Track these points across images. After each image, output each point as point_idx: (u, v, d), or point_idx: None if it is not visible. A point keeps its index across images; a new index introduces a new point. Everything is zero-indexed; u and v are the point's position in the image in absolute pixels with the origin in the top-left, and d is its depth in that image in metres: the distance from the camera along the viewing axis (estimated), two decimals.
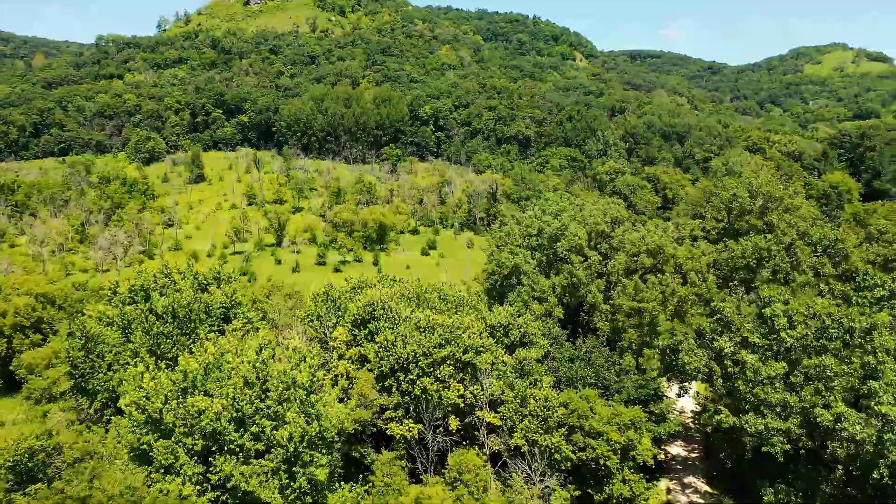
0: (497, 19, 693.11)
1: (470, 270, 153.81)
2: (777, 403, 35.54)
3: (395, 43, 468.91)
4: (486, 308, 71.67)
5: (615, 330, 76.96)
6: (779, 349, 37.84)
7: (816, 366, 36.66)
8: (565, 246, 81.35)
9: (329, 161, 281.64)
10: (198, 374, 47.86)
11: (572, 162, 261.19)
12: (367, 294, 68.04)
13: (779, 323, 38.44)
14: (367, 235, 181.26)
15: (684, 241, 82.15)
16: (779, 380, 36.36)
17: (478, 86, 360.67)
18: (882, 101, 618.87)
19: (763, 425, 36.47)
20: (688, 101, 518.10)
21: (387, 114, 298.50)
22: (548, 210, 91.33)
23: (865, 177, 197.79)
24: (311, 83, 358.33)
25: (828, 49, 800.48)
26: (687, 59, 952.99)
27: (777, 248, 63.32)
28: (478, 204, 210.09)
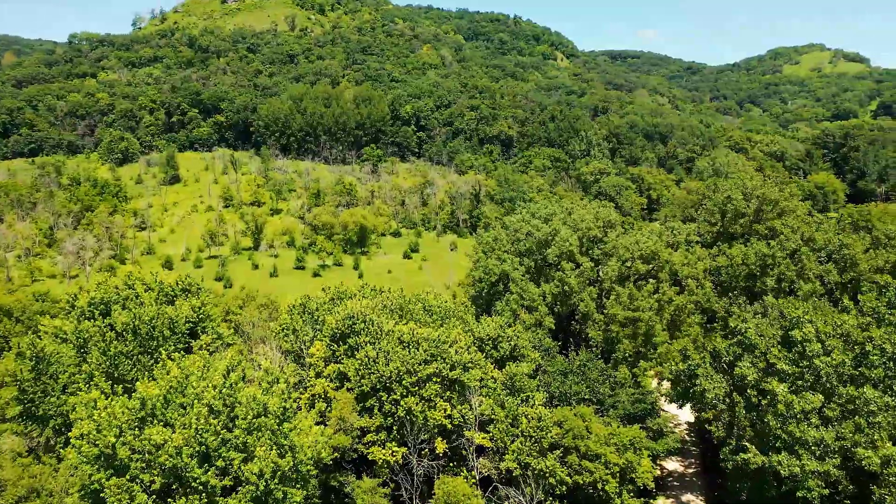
0: (478, 19, 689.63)
1: (454, 274, 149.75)
2: (814, 442, 31.84)
3: (375, 42, 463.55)
4: (473, 319, 67.45)
5: (609, 340, 73.13)
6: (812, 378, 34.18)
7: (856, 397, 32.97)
8: (555, 252, 77.36)
9: (308, 162, 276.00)
10: (157, 401, 43.07)
11: (556, 162, 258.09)
12: (346, 306, 63.57)
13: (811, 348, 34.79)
14: (348, 238, 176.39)
15: (679, 246, 78.56)
16: (814, 414, 32.72)
17: (459, 85, 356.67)
18: (859, 101, 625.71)
19: (798, 467, 32.72)
20: (669, 101, 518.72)
21: (367, 113, 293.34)
22: (537, 214, 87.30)
23: (850, 177, 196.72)
24: (289, 82, 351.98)
25: (806, 49, 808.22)
26: (667, 59, 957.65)
27: (781, 255, 59.81)
28: (461, 205, 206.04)
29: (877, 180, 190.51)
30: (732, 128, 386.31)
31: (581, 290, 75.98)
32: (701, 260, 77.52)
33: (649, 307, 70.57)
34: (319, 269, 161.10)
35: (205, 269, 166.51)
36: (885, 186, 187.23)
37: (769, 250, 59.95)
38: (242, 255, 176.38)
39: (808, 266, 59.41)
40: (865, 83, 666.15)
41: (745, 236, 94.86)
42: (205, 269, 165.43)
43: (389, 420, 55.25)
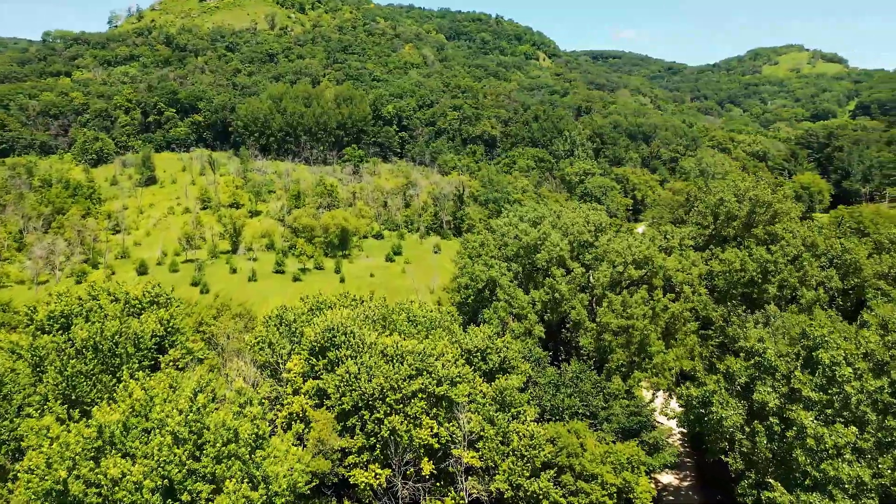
0: (460, 18, 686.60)
1: (438, 277, 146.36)
2: (849, 480, 29.02)
3: (356, 41, 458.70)
4: (460, 329, 64.03)
5: (601, 349, 70.10)
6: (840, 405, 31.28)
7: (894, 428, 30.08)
8: (545, 257, 74.25)
9: (288, 162, 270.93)
10: (116, 428, 39.20)
11: (540, 163, 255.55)
12: (325, 317, 59.89)
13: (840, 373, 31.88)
14: (329, 241, 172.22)
15: (673, 250, 75.76)
16: (848, 449, 29.88)
17: (442, 85, 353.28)
18: (838, 102, 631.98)
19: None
20: (651, 102, 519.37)
21: (348, 113, 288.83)
22: (525, 217, 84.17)
23: (835, 177, 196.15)
24: (269, 82, 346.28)
25: (784, 50, 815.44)
26: (647, 59, 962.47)
27: (783, 261, 57.13)
28: (444, 206, 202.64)
29: (861, 180, 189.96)
30: (714, 128, 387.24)
31: (572, 296, 72.96)
32: (695, 265, 74.81)
33: (643, 315, 67.72)
34: (300, 273, 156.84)
35: (181, 273, 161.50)
36: (869, 186, 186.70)
37: (771, 256, 57.12)
38: (220, 259, 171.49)
39: (810, 272, 56.69)
40: (843, 83, 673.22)
41: (738, 239, 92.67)
42: (181, 274, 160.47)
43: (372, 440, 51.69)
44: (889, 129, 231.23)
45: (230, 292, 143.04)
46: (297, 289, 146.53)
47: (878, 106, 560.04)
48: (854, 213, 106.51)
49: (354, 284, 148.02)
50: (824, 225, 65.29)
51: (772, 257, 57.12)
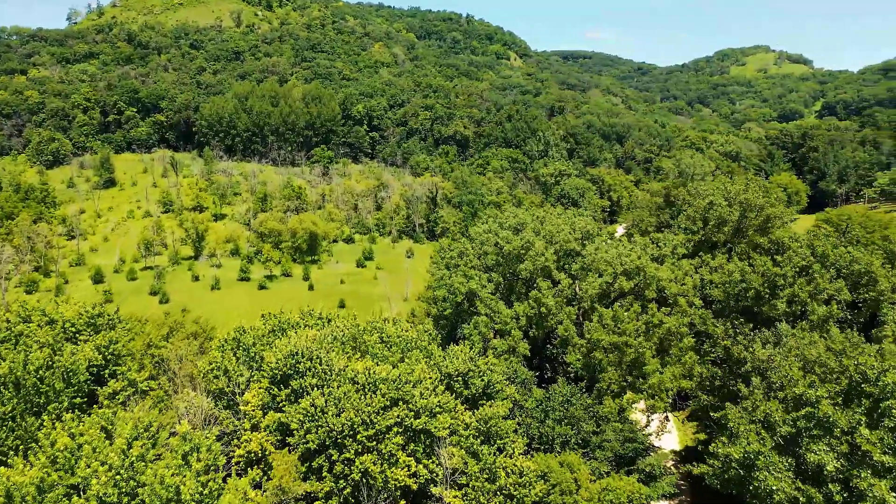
0: (430, 17, 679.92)
1: (411, 284, 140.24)
2: None
3: (325, 39, 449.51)
4: (439, 350, 58.03)
5: (590, 367, 64.71)
6: None
7: None
8: (529, 268, 68.66)
9: (255, 163, 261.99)
10: (29, 492, 32.47)
11: (514, 163, 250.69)
12: (289, 338, 53.51)
13: None
14: (297, 246, 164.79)
15: (665, 259, 70.75)
16: None
17: (413, 84, 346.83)
18: (804, 102, 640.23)
19: None
20: (622, 102, 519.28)
21: (317, 113, 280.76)
22: (505, 224, 78.53)
23: (810, 177, 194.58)
24: (235, 80, 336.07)
25: (751, 51, 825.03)
26: (617, 59, 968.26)
27: (792, 274, 52.32)
28: (417, 209, 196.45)
29: (837, 181, 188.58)
30: (686, 128, 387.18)
31: (559, 310, 67.48)
32: (688, 275, 69.93)
33: (636, 330, 62.57)
34: (266, 280, 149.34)
35: (139, 281, 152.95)
36: (845, 187, 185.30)
37: (780, 270, 52.20)
38: (182, 266, 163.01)
39: (821, 286, 51.94)
40: (809, 84, 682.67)
41: (728, 245, 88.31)
42: (139, 282, 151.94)
43: (342, 483, 45.44)
44: (862, 129, 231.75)
45: (191, 302, 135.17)
46: (263, 297, 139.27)
47: (844, 106, 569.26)
48: (842, 216, 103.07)
49: (324, 292, 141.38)
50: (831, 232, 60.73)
51: (780, 270, 52.15)
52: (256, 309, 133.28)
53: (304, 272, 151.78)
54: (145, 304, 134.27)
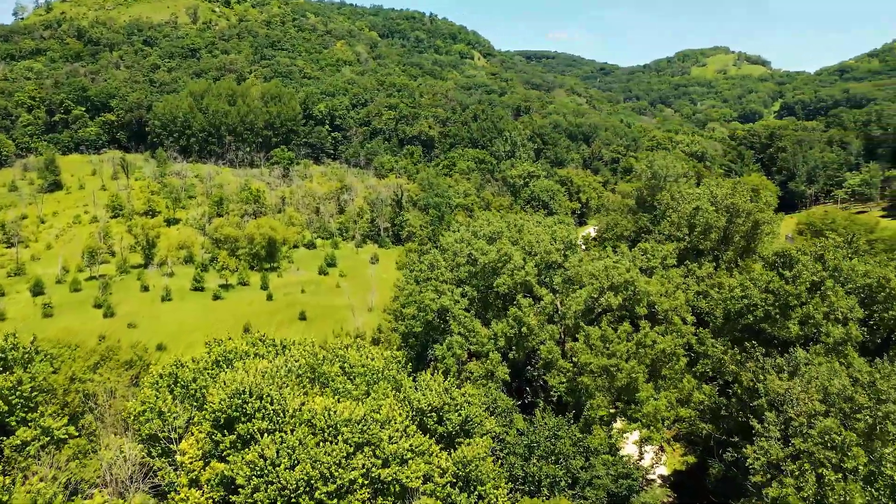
0: (393, 16, 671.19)
1: (377, 292, 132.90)
2: None
3: (285, 37, 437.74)
4: (409, 382, 51.08)
5: (576, 391, 58.58)
6: None
7: None
8: (508, 283, 62.20)
9: (211, 165, 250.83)
10: None
11: (480, 164, 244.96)
12: (236, 372, 46.03)
13: None
14: (255, 252, 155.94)
15: (654, 271, 65.00)
16: None
17: (376, 83, 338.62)
18: (763, 103, 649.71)
19: None
20: (587, 102, 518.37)
21: (277, 112, 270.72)
22: (479, 232, 71.95)
23: (779, 178, 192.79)
24: (190, 78, 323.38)
25: (711, 52, 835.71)
26: (580, 59, 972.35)
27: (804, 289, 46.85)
28: (381, 212, 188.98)
29: (806, 181, 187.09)
30: (652, 128, 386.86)
31: (541, 329, 61.19)
32: (679, 288, 64.32)
33: (627, 351, 56.65)
34: (221, 290, 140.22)
35: (84, 292, 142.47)
36: (814, 187, 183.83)
37: (793, 288, 46.58)
38: (131, 275, 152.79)
39: (836, 304, 46.52)
40: (768, 85, 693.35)
41: (715, 252, 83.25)
42: (83, 293, 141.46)
43: None
44: (828, 129, 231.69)
45: (139, 315, 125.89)
46: (218, 308, 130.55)
47: (802, 107, 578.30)
48: (826, 220, 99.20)
49: (283, 302, 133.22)
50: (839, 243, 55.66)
51: (793, 288, 46.53)
52: (210, 321, 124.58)
53: (262, 280, 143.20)
54: (88, 318, 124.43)
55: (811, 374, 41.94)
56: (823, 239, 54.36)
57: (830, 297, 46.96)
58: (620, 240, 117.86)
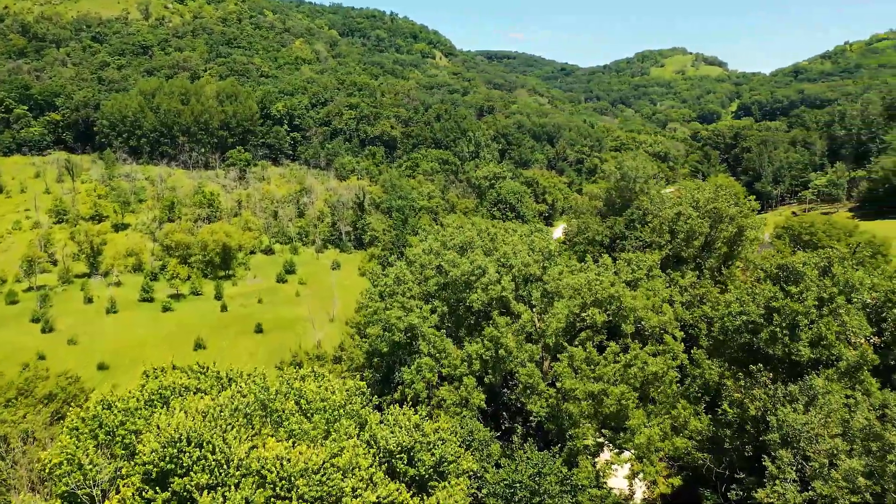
0: (353, 14, 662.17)
1: (339, 301, 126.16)
2: None
3: (242, 34, 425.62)
4: (375, 415, 44.97)
5: (557, 418, 53.28)
6: None
7: None
8: (483, 299, 56.58)
9: (164, 166, 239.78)
10: None
11: (444, 165, 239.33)
12: (173, 413, 39.36)
13: None
14: (209, 260, 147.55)
15: (639, 283, 60.11)
16: None
17: (336, 82, 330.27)
18: (721, 103, 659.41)
19: None
20: (549, 102, 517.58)
21: (233, 111, 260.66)
22: (449, 242, 66.16)
23: (745, 178, 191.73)
24: (141, 76, 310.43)
25: (669, 53, 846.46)
26: (541, 60, 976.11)
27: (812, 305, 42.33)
28: (343, 215, 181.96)
29: (772, 182, 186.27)
30: (614, 128, 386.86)
31: (520, 349, 55.70)
32: (667, 302, 59.60)
33: (615, 373, 51.58)
34: (171, 300, 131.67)
35: (21, 304, 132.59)
36: (780, 188, 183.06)
37: (801, 305, 41.96)
38: (74, 285, 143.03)
39: (850, 323, 42.12)
40: (725, 85, 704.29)
41: (698, 261, 79.05)
42: (20, 306, 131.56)
43: None
44: (790, 129, 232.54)
45: (81, 329, 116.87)
46: (167, 321, 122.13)
47: (759, 107, 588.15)
48: (804, 224, 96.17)
49: (238, 314, 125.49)
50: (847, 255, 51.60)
51: (802, 306, 41.92)
52: (159, 336, 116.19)
53: (216, 290, 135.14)
54: (24, 333, 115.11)
55: (829, 405, 37.22)
56: (829, 249, 50.02)
57: (842, 315, 42.45)
58: (592, 244, 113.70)
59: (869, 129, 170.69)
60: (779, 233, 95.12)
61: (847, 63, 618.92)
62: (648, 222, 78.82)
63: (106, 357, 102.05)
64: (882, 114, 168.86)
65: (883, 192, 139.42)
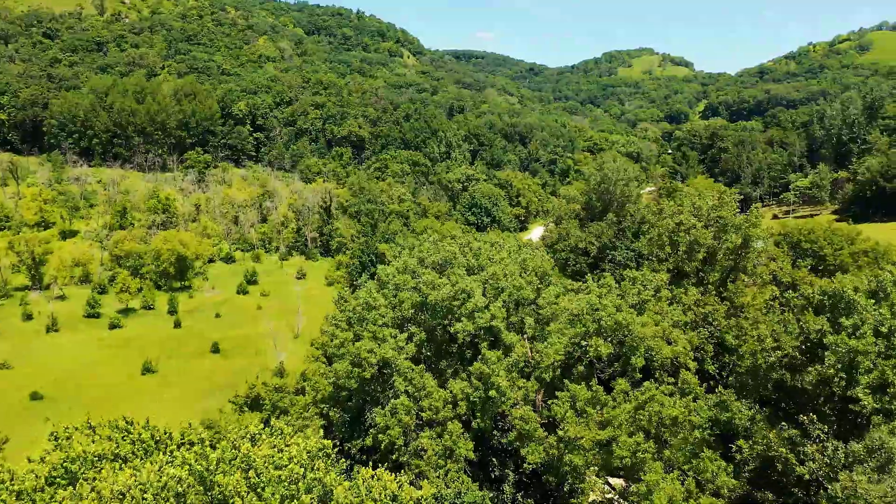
0: (319, 12, 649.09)
1: (304, 316, 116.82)
2: None
3: (203, 31, 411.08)
4: (343, 485, 36.41)
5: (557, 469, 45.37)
6: None
7: None
8: (469, 328, 48.37)
9: (118, 169, 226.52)
10: None
11: (415, 167, 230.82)
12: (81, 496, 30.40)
13: None
14: (163, 270, 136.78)
15: (646, 306, 52.48)
16: None
17: (301, 80, 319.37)
18: (689, 103, 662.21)
19: None
20: (519, 101, 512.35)
21: (192, 111, 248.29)
22: (426, 259, 57.78)
23: (723, 180, 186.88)
24: (95, 73, 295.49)
25: (637, 53, 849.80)
26: (509, 59, 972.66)
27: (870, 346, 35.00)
28: (308, 221, 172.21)
29: (752, 184, 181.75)
30: (586, 128, 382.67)
31: (512, 386, 47.60)
32: (678, 326, 52.13)
33: (626, 417, 43.90)
34: (120, 316, 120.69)
35: None
36: (760, 190, 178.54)
37: (860, 344, 34.58)
38: (12, 300, 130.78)
39: None
40: (692, 86, 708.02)
41: (701, 275, 71.99)
42: None
43: None
44: (766, 129, 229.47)
45: (15, 351, 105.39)
46: (114, 341, 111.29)
47: (726, 107, 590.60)
48: (803, 230, 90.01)
49: (193, 331, 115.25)
50: None
51: (861, 343, 34.55)
52: (103, 358, 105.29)
53: (170, 303, 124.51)
54: None
55: None
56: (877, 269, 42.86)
57: None
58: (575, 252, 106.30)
59: (850, 130, 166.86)
60: (776, 240, 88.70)
61: (811, 64, 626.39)
62: (645, 232, 71.41)
63: (42, 385, 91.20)
64: (862, 113, 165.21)
65: (870, 194, 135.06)
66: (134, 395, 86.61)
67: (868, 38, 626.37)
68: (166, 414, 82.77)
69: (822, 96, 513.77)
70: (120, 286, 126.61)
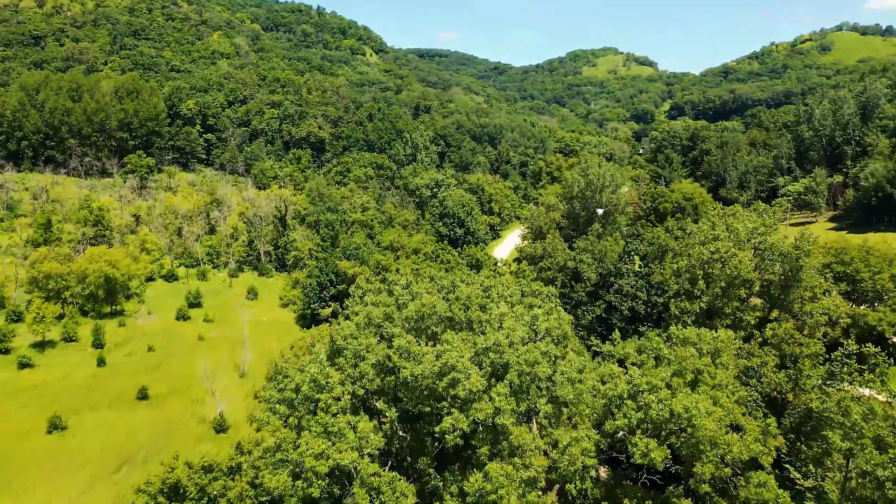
0: (278, 8, 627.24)
1: (251, 350, 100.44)
2: None
3: (152, 25, 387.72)
4: None
5: None
6: None
7: None
8: (463, 427, 33.66)
9: (49, 174, 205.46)
10: None
11: (379, 170, 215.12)
12: None
13: None
14: (90, 293, 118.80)
15: (700, 378, 38.31)
16: None
17: (257, 78, 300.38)
18: (654, 103, 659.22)
19: None
20: (485, 101, 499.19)
21: (134, 110, 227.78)
22: (399, 311, 42.72)
23: (707, 184, 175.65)
24: (28, 69, 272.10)
25: (601, 53, 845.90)
26: (474, 58, 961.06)
27: None
28: (262, 232, 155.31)
29: (738, 188, 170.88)
30: (556, 128, 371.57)
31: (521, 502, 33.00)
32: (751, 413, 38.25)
33: None
34: (34, 352, 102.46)
35: None
36: (746, 194, 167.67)
37: None
38: None
39: None
40: (657, 85, 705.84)
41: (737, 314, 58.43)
42: None
43: None
44: (747, 129, 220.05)
45: None
46: (23, 385, 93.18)
47: (692, 107, 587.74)
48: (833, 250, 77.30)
49: (120, 370, 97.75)
50: None
51: None
52: (4, 411, 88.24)
53: (95, 334, 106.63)
54: None
55: None
56: None
57: None
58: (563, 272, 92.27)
59: (844, 131, 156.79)
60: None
61: (775, 63, 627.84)
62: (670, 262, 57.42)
63: None
64: (856, 113, 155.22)
65: (875, 201, 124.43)
66: (29, 464, 69.48)
67: (829, 38, 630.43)
68: (65, 493, 66.08)
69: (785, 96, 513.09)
70: (35, 314, 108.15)
